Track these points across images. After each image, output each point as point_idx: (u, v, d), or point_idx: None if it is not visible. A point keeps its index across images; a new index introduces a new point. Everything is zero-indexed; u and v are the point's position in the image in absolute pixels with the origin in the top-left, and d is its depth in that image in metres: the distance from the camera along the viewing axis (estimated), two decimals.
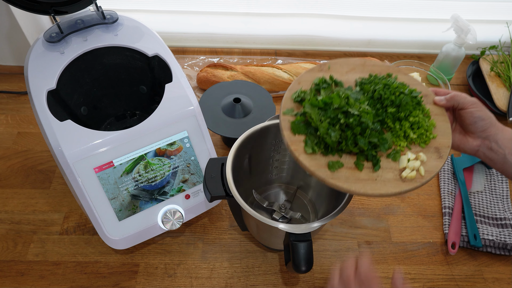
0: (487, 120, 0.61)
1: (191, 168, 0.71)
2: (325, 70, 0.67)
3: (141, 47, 0.73)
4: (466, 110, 0.61)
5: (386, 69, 0.68)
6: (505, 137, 0.60)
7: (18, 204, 0.82)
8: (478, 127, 0.61)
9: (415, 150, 0.60)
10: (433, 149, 0.60)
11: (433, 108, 0.65)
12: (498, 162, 0.61)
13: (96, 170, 0.63)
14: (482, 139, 0.62)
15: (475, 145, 0.62)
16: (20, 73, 1.06)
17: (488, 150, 0.61)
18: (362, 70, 0.68)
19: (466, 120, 0.62)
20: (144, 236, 0.71)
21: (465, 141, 0.63)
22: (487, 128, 0.61)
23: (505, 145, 0.59)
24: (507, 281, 0.76)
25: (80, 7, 0.72)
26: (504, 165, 0.60)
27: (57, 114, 0.64)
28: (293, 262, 0.58)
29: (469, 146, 0.63)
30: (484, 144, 0.61)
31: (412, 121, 0.61)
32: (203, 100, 0.91)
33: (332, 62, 0.68)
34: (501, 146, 0.60)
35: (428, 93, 0.67)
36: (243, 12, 1.13)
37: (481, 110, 0.61)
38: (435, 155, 0.60)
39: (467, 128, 0.63)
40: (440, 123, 0.63)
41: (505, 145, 0.59)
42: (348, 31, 1.17)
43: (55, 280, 0.73)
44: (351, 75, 0.67)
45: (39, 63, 0.68)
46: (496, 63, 1.09)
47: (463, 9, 1.13)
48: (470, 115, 0.61)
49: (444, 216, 0.83)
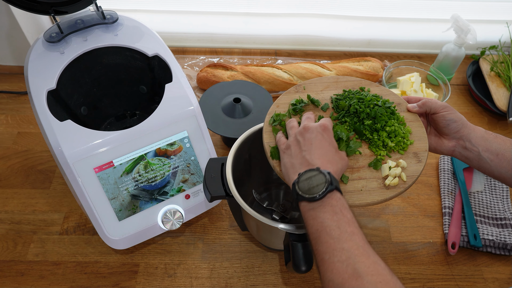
0: (459, 121, 0.64)
1: (191, 168, 0.71)
2: (301, 91, 0.71)
3: (141, 47, 0.73)
4: (438, 114, 0.65)
5: (359, 83, 0.72)
6: (477, 136, 0.64)
7: (18, 204, 0.82)
8: (451, 129, 0.65)
9: (395, 157, 0.63)
10: (412, 155, 0.63)
11: (407, 115, 0.68)
12: (473, 160, 0.65)
13: (96, 170, 0.63)
14: (456, 139, 0.65)
15: (451, 146, 0.66)
16: (20, 73, 1.06)
17: (463, 150, 0.65)
18: (336, 87, 0.72)
19: (440, 123, 0.66)
20: (144, 236, 0.71)
21: (440, 143, 0.67)
22: (460, 129, 0.64)
23: (478, 143, 0.63)
24: (507, 281, 0.76)
25: (80, 7, 0.72)
26: (480, 162, 0.64)
27: (57, 114, 0.64)
28: (293, 262, 0.58)
29: (445, 147, 0.67)
30: (459, 144, 0.65)
31: (389, 130, 0.64)
32: (203, 100, 0.91)
33: (307, 82, 0.72)
34: (474, 144, 0.64)
35: (401, 101, 0.70)
36: (243, 12, 1.13)
37: (452, 113, 0.65)
38: (415, 160, 0.62)
39: (441, 130, 0.67)
40: (416, 128, 0.66)
41: (478, 143, 0.63)
42: (348, 31, 1.17)
43: (55, 280, 0.73)
44: (326, 92, 0.71)
45: (39, 63, 0.68)
46: (496, 63, 1.09)
47: (463, 9, 1.13)
48: (443, 118, 0.65)
49: (444, 216, 0.83)
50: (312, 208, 0.50)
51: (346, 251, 0.46)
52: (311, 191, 0.50)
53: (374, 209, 0.85)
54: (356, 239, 0.47)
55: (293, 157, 0.57)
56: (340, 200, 0.50)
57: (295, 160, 0.56)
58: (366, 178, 0.60)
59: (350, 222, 0.48)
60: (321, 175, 0.51)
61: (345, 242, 0.47)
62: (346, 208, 0.50)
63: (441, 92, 0.99)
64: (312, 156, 0.55)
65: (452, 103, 1.08)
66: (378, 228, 0.82)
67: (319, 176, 0.51)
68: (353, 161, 0.62)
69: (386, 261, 0.78)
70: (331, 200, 0.50)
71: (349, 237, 0.47)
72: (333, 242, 0.47)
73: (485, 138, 0.63)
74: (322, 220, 0.49)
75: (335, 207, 0.49)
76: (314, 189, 0.50)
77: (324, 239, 0.48)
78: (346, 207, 0.50)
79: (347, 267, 0.45)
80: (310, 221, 0.50)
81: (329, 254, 0.46)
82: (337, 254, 0.46)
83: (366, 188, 0.59)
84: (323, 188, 0.50)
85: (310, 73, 1.03)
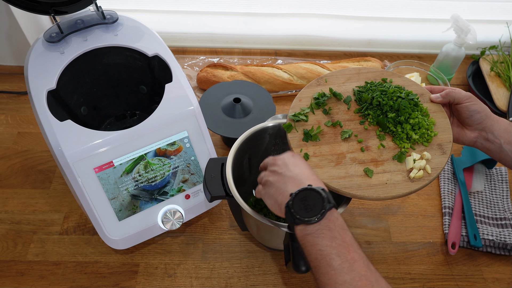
0: (483, 112, 0.64)
1: (191, 168, 0.71)
2: (323, 84, 0.71)
3: (141, 47, 0.73)
4: (462, 105, 0.64)
5: (381, 74, 0.71)
6: (500, 128, 0.63)
7: (18, 204, 0.82)
8: (475, 120, 0.64)
9: (419, 150, 0.63)
10: (436, 146, 0.63)
11: (431, 105, 0.67)
12: (495, 152, 0.64)
13: (96, 170, 0.63)
14: (479, 130, 0.65)
15: (473, 136, 0.65)
16: (20, 73, 1.06)
17: (485, 141, 0.64)
18: (358, 78, 0.71)
19: (463, 114, 0.65)
20: (144, 236, 0.71)
21: (463, 134, 0.66)
22: (483, 120, 0.64)
23: (501, 135, 0.63)
24: (507, 281, 0.76)
25: (80, 7, 0.72)
26: (501, 154, 0.63)
27: (57, 114, 0.64)
28: (293, 262, 0.58)
29: (467, 138, 0.66)
30: (481, 136, 0.65)
31: (413, 123, 0.63)
32: (203, 100, 0.91)
33: (328, 75, 0.71)
34: (497, 136, 0.63)
35: (423, 92, 0.69)
36: (243, 12, 1.13)
37: (476, 104, 0.64)
38: (439, 152, 0.62)
39: (464, 121, 0.66)
40: (439, 119, 0.66)
41: (500, 135, 0.63)
42: (348, 31, 1.17)
43: (55, 280, 0.73)
44: (348, 84, 0.70)
45: (39, 63, 0.68)
46: (496, 63, 1.09)
47: (463, 9, 1.13)
48: (466, 109, 0.64)
49: (444, 216, 0.83)
50: (309, 234, 0.47)
51: (348, 283, 0.44)
52: (309, 213, 0.47)
53: (374, 209, 0.85)
54: (357, 267, 0.45)
55: (274, 184, 0.53)
56: (337, 220, 0.48)
57: (279, 184, 0.52)
58: (390, 171, 0.61)
59: (349, 247, 0.46)
60: (316, 193, 0.49)
61: (347, 273, 0.45)
62: (345, 229, 0.48)
63: None
64: (295, 174, 0.52)
65: None
66: (378, 228, 0.82)
67: (314, 194, 0.49)
68: (377, 154, 0.63)
69: (386, 261, 0.78)
70: (329, 222, 0.47)
71: (350, 266, 0.45)
72: (334, 274, 0.45)
73: (508, 130, 0.63)
74: (321, 248, 0.46)
75: (334, 231, 0.47)
76: (311, 211, 0.48)
77: (325, 270, 0.46)
78: (344, 228, 0.48)
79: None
80: (309, 248, 0.47)
81: (331, 286, 0.45)
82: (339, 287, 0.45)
83: (391, 181, 0.60)
84: (321, 209, 0.47)
85: (310, 73, 1.03)
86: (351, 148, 0.64)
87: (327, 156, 0.63)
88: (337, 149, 0.64)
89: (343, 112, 0.67)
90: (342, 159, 0.63)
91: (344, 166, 0.62)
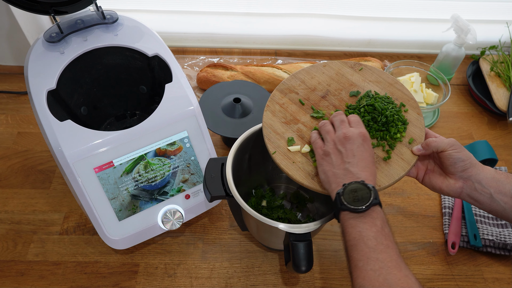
0: (467, 160, 0.60)
1: (191, 168, 0.71)
2: (357, 71, 0.72)
3: (141, 47, 0.73)
4: (445, 153, 0.61)
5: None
6: (487, 177, 0.59)
7: (18, 204, 0.82)
8: (458, 168, 0.61)
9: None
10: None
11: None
12: (485, 203, 0.60)
13: (96, 170, 0.63)
14: (463, 179, 0.61)
15: (458, 186, 0.61)
16: (20, 73, 1.06)
17: (472, 191, 0.60)
18: (383, 87, 0.70)
19: (446, 161, 0.61)
20: (144, 236, 0.71)
21: (447, 183, 0.62)
22: (467, 168, 0.60)
23: (490, 184, 0.59)
24: (507, 281, 0.76)
25: (80, 7, 0.72)
26: (492, 205, 0.60)
27: (57, 114, 0.64)
28: (293, 262, 0.58)
29: (452, 188, 0.62)
30: (467, 185, 0.61)
31: (395, 137, 0.65)
32: (203, 100, 0.91)
33: (365, 66, 0.72)
34: (485, 186, 0.59)
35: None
36: (243, 12, 1.13)
37: (460, 151, 0.60)
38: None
39: (447, 169, 0.62)
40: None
41: (489, 184, 0.59)
42: (348, 31, 1.17)
43: (55, 280, 0.73)
44: (372, 85, 0.70)
45: (39, 63, 0.68)
46: (496, 63, 1.09)
47: (463, 9, 1.13)
48: (450, 156, 0.61)
49: (444, 216, 0.83)
50: (352, 217, 0.52)
51: (380, 261, 0.48)
52: (356, 203, 0.52)
53: None
54: (391, 252, 0.49)
55: (335, 166, 0.57)
56: (380, 214, 0.52)
57: (338, 170, 0.57)
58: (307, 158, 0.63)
59: (387, 236, 0.50)
60: (367, 189, 0.53)
61: (380, 253, 0.48)
62: (385, 222, 0.52)
63: (441, 92, 0.99)
64: (356, 168, 0.56)
65: (452, 103, 1.08)
66: None
67: (365, 190, 0.53)
68: None
69: None
70: (372, 212, 0.52)
71: (385, 249, 0.49)
72: (368, 251, 0.49)
73: (497, 179, 0.59)
74: (360, 230, 0.51)
75: (375, 220, 0.51)
76: (358, 202, 0.52)
77: (360, 247, 0.50)
78: (385, 221, 0.52)
79: (379, 276, 0.47)
80: (349, 229, 0.52)
81: (363, 262, 0.49)
82: (371, 263, 0.48)
83: (299, 164, 0.63)
84: (367, 202, 0.52)
85: None
86: (309, 122, 0.66)
87: (286, 113, 0.67)
88: (298, 115, 0.67)
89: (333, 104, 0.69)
90: (293, 123, 0.66)
91: (289, 127, 0.66)
